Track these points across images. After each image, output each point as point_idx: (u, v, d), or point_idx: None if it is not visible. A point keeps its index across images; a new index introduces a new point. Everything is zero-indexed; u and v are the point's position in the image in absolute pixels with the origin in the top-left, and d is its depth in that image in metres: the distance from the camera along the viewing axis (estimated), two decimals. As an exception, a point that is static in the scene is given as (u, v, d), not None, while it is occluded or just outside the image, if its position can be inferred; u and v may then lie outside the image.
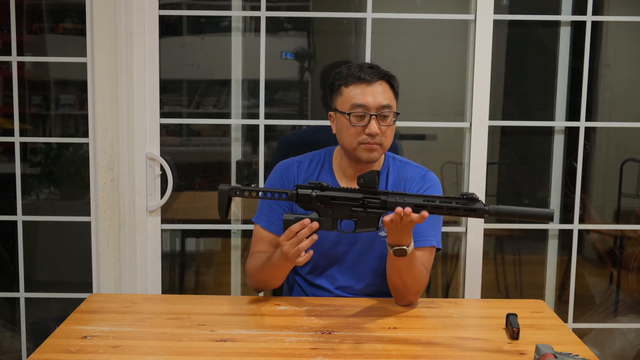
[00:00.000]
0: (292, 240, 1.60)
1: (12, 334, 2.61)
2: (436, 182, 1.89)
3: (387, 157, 1.91)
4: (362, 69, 1.78)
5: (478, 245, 2.37)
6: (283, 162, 1.94)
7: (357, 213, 1.59)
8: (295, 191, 1.62)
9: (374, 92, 1.75)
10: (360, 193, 1.59)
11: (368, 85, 1.75)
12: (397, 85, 1.83)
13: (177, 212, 2.54)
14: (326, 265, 1.88)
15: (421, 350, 1.48)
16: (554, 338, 1.56)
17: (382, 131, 1.76)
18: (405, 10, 2.38)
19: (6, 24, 2.32)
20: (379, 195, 1.57)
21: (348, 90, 1.77)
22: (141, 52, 2.23)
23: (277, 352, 1.46)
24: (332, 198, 1.59)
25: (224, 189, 1.63)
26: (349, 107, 1.76)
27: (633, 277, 2.96)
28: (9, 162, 2.47)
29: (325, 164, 1.91)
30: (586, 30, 2.36)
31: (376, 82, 1.76)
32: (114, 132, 2.24)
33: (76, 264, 2.54)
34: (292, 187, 1.87)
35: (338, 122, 1.81)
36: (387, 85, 1.79)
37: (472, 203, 1.49)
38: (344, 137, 1.79)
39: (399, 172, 1.89)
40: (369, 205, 1.58)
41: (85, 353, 1.44)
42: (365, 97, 1.74)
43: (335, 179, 1.88)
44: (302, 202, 1.62)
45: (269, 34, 2.40)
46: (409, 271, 1.68)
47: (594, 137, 2.80)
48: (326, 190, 1.60)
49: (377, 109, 1.75)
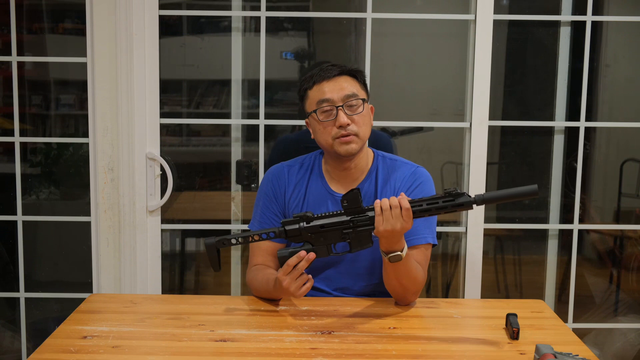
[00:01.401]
0: (292, 275, 1.61)
1: (12, 334, 2.61)
2: (427, 177, 1.87)
3: (377, 156, 1.90)
4: (322, 68, 1.80)
5: (478, 245, 2.37)
6: (274, 168, 1.94)
7: (348, 234, 1.60)
8: (283, 228, 1.62)
9: (336, 85, 1.77)
10: (347, 215, 1.59)
11: (329, 80, 1.77)
12: (363, 77, 1.84)
13: (177, 212, 2.54)
14: (322, 267, 1.87)
15: (421, 351, 1.48)
16: (554, 338, 1.56)
17: (354, 121, 1.76)
18: (405, 10, 2.38)
19: (6, 24, 2.32)
20: (367, 213, 1.59)
21: (312, 92, 1.79)
22: (141, 52, 2.23)
23: (277, 352, 1.46)
24: (321, 226, 1.60)
25: (210, 243, 1.64)
26: (315, 105, 1.78)
27: (633, 277, 2.96)
28: (9, 162, 2.47)
29: (314, 168, 1.90)
30: (586, 30, 2.36)
31: (337, 77, 1.78)
32: (114, 132, 2.24)
33: (76, 264, 2.55)
34: (284, 193, 1.88)
35: (312, 125, 1.82)
36: (349, 77, 1.80)
37: (458, 198, 1.51)
38: (319, 137, 1.80)
39: (389, 170, 1.87)
40: (359, 224, 1.59)
41: (85, 353, 1.44)
42: (328, 92, 1.76)
43: (326, 182, 1.87)
44: (291, 237, 1.63)
45: (269, 34, 2.40)
46: (405, 273, 1.68)
47: (594, 137, 2.80)
48: (313, 220, 1.61)
49: (342, 100, 1.75)
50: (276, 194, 1.88)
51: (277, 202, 1.88)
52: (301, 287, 1.63)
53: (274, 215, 1.88)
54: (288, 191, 1.88)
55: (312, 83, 1.80)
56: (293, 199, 1.87)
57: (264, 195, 1.90)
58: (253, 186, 2.54)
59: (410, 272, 1.68)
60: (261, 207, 1.89)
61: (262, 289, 1.79)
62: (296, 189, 1.88)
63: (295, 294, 1.63)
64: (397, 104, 2.70)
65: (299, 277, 1.62)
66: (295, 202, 1.87)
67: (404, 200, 1.55)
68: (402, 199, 1.55)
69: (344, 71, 1.80)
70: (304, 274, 1.62)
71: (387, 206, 1.55)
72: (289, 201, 1.88)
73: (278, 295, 1.76)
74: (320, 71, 1.79)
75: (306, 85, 1.81)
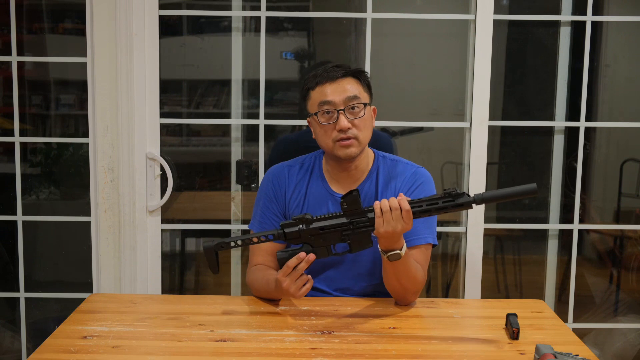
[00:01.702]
0: (291, 276, 1.62)
1: (12, 334, 2.61)
2: (428, 178, 1.87)
3: (377, 156, 1.89)
4: (326, 69, 1.79)
5: (478, 245, 2.37)
6: (274, 168, 1.93)
7: (348, 235, 1.61)
8: (282, 231, 1.62)
9: (338, 87, 1.76)
10: (346, 217, 1.59)
11: (332, 82, 1.76)
12: (367, 79, 1.83)
13: (177, 212, 2.54)
14: (323, 268, 1.87)
15: (421, 351, 1.48)
16: (554, 338, 1.56)
17: (355, 125, 1.75)
18: (405, 10, 2.38)
19: (6, 24, 2.32)
20: (367, 214, 1.59)
21: (315, 92, 1.78)
22: (141, 52, 2.23)
23: (277, 352, 1.46)
24: (321, 228, 1.60)
25: (209, 246, 1.63)
26: (317, 107, 1.77)
27: (633, 277, 2.96)
28: (9, 162, 2.47)
29: (315, 168, 1.90)
30: (586, 30, 2.36)
31: (341, 79, 1.77)
32: (114, 132, 2.24)
33: (76, 264, 2.55)
34: (284, 193, 1.88)
35: (313, 126, 1.82)
36: (353, 79, 1.79)
37: (458, 198, 1.52)
38: (320, 138, 1.80)
39: (390, 171, 1.87)
40: (358, 226, 1.59)
41: (85, 353, 1.44)
42: (330, 94, 1.75)
43: (326, 182, 1.87)
44: (290, 239, 1.63)
45: (269, 34, 2.40)
46: (405, 272, 1.68)
47: (594, 137, 2.80)
48: (312, 223, 1.61)
49: (343, 103, 1.75)
50: (276, 194, 1.88)
51: (277, 202, 1.88)
52: (301, 288, 1.63)
53: (274, 216, 1.88)
54: (288, 191, 1.88)
55: (314, 83, 1.79)
56: (293, 199, 1.87)
57: (264, 195, 1.90)
58: (253, 186, 2.54)
59: (409, 271, 1.68)
60: (261, 207, 1.89)
61: (262, 290, 1.79)
62: (296, 189, 1.88)
63: (295, 295, 1.63)
64: (397, 104, 2.70)
65: (298, 278, 1.62)
66: (296, 202, 1.87)
67: (404, 202, 1.55)
68: (402, 200, 1.55)
69: (347, 73, 1.79)
70: (303, 275, 1.62)
71: (387, 208, 1.55)
72: (289, 201, 1.88)
73: (278, 296, 1.76)
74: (324, 72, 1.78)
75: (309, 85, 1.80)
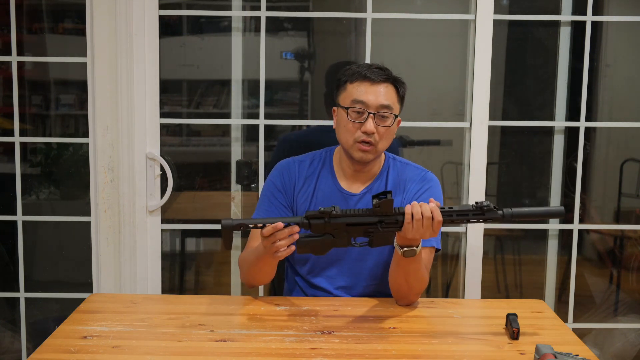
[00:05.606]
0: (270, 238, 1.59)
1: (12, 334, 2.61)
2: (436, 182, 1.90)
3: (388, 157, 1.92)
4: (370, 68, 1.79)
5: (478, 245, 2.38)
6: (284, 161, 1.94)
7: (372, 233, 1.61)
8: (307, 221, 1.60)
9: (376, 91, 1.76)
10: (376, 216, 1.59)
11: (372, 84, 1.76)
12: (404, 90, 1.83)
13: (177, 212, 2.54)
14: (325, 265, 1.88)
15: (421, 351, 1.48)
16: (554, 338, 1.56)
17: (379, 132, 1.76)
18: (405, 10, 2.38)
19: (6, 24, 2.32)
20: (396, 217, 1.59)
21: (352, 87, 1.78)
22: (141, 52, 2.23)
23: (277, 352, 1.46)
24: (348, 224, 1.60)
25: (228, 224, 1.59)
26: (349, 102, 1.77)
27: (633, 277, 2.96)
28: (9, 162, 2.47)
29: (326, 164, 1.91)
30: (586, 30, 2.36)
31: (381, 83, 1.77)
32: (114, 132, 2.24)
33: (76, 264, 2.54)
34: (293, 186, 1.88)
35: (338, 117, 1.82)
36: (392, 87, 1.79)
37: (489, 212, 1.56)
38: (342, 132, 1.80)
39: (399, 173, 1.90)
40: (385, 226, 1.59)
41: (85, 353, 1.44)
42: (366, 94, 1.75)
43: (336, 178, 1.88)
44: (315, 230, 1.61)
45: (269, 34, 2.40)
46: (414, 271, 1.69)
47: (594, 137, 2.80)
48: (340, 218, 1.59)
49: (376, 108, 1.75)
50: (285, 187, 1.89)
51: (285, 194, 1.88)
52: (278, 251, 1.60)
53: (282, 206, 1.87)
54: (297, 185, 1.89)
55: (354, 78, 1.78)
56: (302, 194, 1.88)
57: (272, 186, 1.90)
58: (253, 186, 2.54)
59: (419, 270, 1.70)
60: (269, 197, 1.89)
61: (248, 258, 1.79)
62: (305, 184, 1.89)
63: (270, 251, 1.60)
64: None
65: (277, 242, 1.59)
66: (304, 197, 1.87)
67: (437, 212, 1.56)
68: (435, 210, 1.56)
69: (389, 79, 1.79)
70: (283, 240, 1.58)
71: (419, 215, 1.56)
72: (297, 195, 1.88)
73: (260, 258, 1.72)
74: (367, 70, 1.78)
75: (348, 78, 1.80)
